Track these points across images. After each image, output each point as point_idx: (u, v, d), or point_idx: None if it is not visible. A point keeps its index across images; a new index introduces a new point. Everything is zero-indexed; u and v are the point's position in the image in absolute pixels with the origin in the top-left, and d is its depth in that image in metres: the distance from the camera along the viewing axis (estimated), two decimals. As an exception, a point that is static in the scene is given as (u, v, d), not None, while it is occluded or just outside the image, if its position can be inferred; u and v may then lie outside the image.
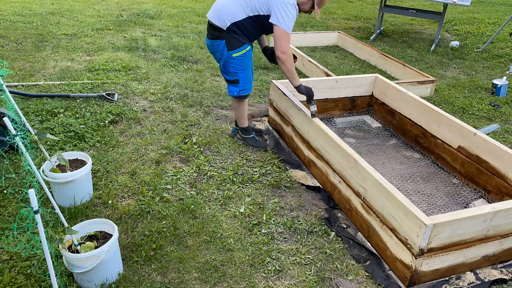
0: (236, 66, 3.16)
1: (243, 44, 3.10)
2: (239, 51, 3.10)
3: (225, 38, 3.08)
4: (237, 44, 3.08)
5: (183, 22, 7.26)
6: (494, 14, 9.31)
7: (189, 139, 3.57)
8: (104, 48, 5.66)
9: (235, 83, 3.25)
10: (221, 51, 3.14)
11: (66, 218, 2.51)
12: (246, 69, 3.21)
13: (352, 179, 2.66)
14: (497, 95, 4.91)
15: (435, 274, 2.29)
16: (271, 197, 2.93)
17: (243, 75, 3.22)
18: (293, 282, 2.27)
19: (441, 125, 3.28)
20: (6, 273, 2.15)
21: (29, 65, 4.91)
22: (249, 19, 3.03)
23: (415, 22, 8.33)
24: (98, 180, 2.97)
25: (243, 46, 3.11)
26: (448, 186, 3.14)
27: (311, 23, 7.75)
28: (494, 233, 2.32)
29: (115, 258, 2.16)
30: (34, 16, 6.96)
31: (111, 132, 3.60)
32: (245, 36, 3.10)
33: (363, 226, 2.59)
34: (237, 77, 3.21)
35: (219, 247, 2.47)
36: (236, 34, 3.06)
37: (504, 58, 6.35)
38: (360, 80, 4.00)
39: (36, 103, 3.91)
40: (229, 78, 3.25)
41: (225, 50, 3.11)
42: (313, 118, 3.08)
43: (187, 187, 2.99)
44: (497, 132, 4.04)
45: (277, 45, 2.97)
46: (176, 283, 2.22)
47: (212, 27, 3.14)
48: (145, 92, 4.40)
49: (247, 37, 3.12)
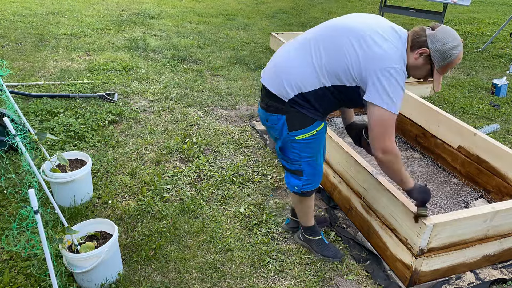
0: (300, 153, 2.14)
1: (313, 122, 2.08)
2: (306, 133, 2.09)
3: (286, 113, 2.07)
4: (305, 123, 2.07)
5: (183, 22, 7.26)
6: (494, 14, 9.31)
7: (189, 139, 3.57)
8: (104, 48, 5.66)
9: (297, 174, 2.23)
10: (279, 129, 2.12)
11: (66, 218, 2.51)
12: (314, 156, 2.18)
13: (352, 179, 2.66)
14: (497, 95, 4.90)
15: (435, 274, 2.29)
16: (271, 197, 2.93)
17: (310, 164, 2.19)
18: (293, 282, 2.27)
19: (441, 125, 3.28)
20: (6, 273, 2.15)
21: (29, 65, 4.91)
22: (326, 90, 2.01)
23: (415, 22, 8.33)
24: (98, 180, 2.97)
25: (313, 125, 2.09)
26: (448, 186, 3.14)
27: (311, 23, 7.75)
28: (494, 233, 2.32)
29: (115, 258, 2.16)
30: (34, 16, 6.96)
31: (111, 132, 3.60)
32: (317, 110, 2.08)
33: (363, 226, 2.59)
34: (301, 168, 2.19)
35: (219, 247, 2.47)
36: (303, 109, 2.05)
37: (504, 58, 6.35)
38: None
39: (36, 103, 3.91)
40: (289, 167, 2.23)
41: (285, 129, 2.10)
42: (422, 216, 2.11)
43: (187, 187, 2.99)
44: (497, 132, 4.04)
45: (376, 139, 1.95)
46: (176, 283, 2.22)
47: (267, 93, 2.10)
48: (145, 92, 4.40)
49: (320, 112, 2.10)
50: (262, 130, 3.83)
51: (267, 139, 3.68)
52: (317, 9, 9.01)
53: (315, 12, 8.76)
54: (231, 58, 5.58)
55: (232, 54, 5.76)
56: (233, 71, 5.17)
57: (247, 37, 6.64)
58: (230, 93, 4.53)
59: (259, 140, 3.65)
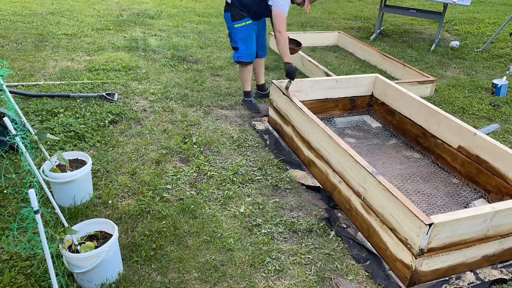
0: (237, 35, 3.75)
1: (243, 18, 3.67)
2: (240, 23, 3.69)
3: (230, 11, 3.70)
4: (238, 17, 3.67)
5: (183, 22, 7.26)
6: (494, 14, 9.31)
7: (189, 139, 3.57)
8: (104, 48, 5.66)
9: (235, 50, 3.85)
10: (227, 22, 3.79)
11: (66, 218, 2.51)
12: (245, 40, 3.77)
13: (352, 179, 2.66)
14: (497, 95, 4.91)
15: (435, 274, 2.29)
16: (271, 197, 2.93)
17: (242, 44, 3.78)
18: (293, 282, 2.27)
19: (441, 125, 3.28)
20: (6, 273, 2.15)
21: (29, 65, 4.91)
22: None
23: (415, 22, 8.33)
24: (98, 180, 2.97)
25: (244, 19, 3.68)
26: (448, 186, 3.14)
27: (311, 23, 7.76)
28: (494, 233, 2.32)
29: (115, 258, 2.16)
30: (34, 16, 6.96)
31: (111, 132, 3.60)
32: (246, 11, 3.66)
33: (363, 226, 2.59)
34: (237, 45, 3.80)
35: (219, 247, 2.47)
36: (238, 9, 3.66)
37: (504, 58, 6.35)
38: (360, 80, 4.00)
39: (36, 103, 3.91)
40: (232, 45, 3.88)
41: (230, 20, 3.73)
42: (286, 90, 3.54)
43: (187, 187, 2.99)
44: (497, 132, 4.04)
45: (275, 25, 3.53)
46: (176, 283, 2.22)
47: (225, 2, 3.78)
48: (145, 92, 4.41)
49: (247, 12, 3.67)
50: (262, 130, 3.84)
51: (267, 139, 3.68)
52: (317, 9, 9.01)
53: (315, 12, 8.76)
54: (231, 58, 5.58)
55: (232, 54, 5.76)
56: (233, 71, 5.17)
57: (247, 37, 6.64)
58: (230, 93, 4.53)
59: (259, 140, 3.66)
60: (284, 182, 3.10)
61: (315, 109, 3.90)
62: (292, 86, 3.65)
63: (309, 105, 3.83)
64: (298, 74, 4.18)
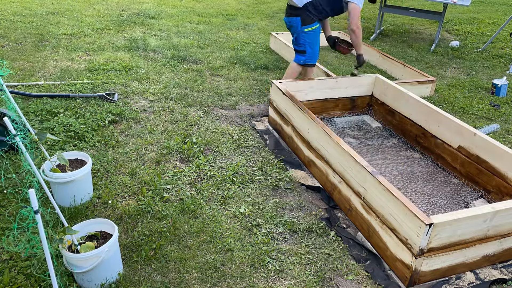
0: (306, 39, 3.88)
1: (313, 22, 3.81)
2: (310, 27, 3.81)
3: (300, 15, 3.78)
4: (309, 21, 3.80)
5: (183, 22, 7.26)
6: (494, 14, 9.30)
7: (189, 139, 3.57)
8: (104, 48, 5.66)
9: (302, 53, 3.97)
10: (296, 26, 3.86)
11: (66, 218, 2.51)
12: (312, 43, 3.92)
13: (352, 179, 2.66)
14: (497, 95, 4.90)
15: (435, 274, 2.29)
16: (271, 197, 2.93)
17: (310, 47, 3.93)
18: (293, 282, 2.27)
19: (441, 125, 3.28)
20: (6, 273, 2.15)
21: (29, 65, 4.91)
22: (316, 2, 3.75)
23: (415, 22, 8.33)
24: (98, 180, 2.97)
25: (314, 23, 3.82)
26: (448, 186, 3.14)
27: (311, 23, 7.75)
28: (494, 233, 2.32)
29: (115, 258, 2.16)
30: (34, 16, 6.96)
31: (111, 132, 3.60)
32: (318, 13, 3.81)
33: (363, 226, 2.59)
34: (305, 48, 3.93)
35: (219, 247, 2.47)
36: (310, 13, 3.77)
37: (504, 58, 6.35)
38: (360, 80, 4.00)
39: (36, 103, 3.91)
40: (297, 48, 4.00)
41: (299, 25, 3.81)
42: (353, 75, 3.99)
43: (187, 187, 2.99)
44: (497, 132, 4.04)
45: (353, 19, 3.72)
46: (176, 283, 2.22)
47: (290, 7, 3.87)
48: (145, 92, 4.41)
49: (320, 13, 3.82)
50: (262, 130, 3.84)
51: (267, 139, 3.68)
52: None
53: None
54: (231, 58, 5.58)
55: (232, 54, 5.76)
56: (233, 71, 5.17)
57: (247, 37, 6.64)
58: (230, 93, 4.53)
59: (259, 140, 3.66)
60: (284, 182, 3.10)
61: (315, 109, 3.90)
62: (292, 86, 3.67)
63: (309, 105, 3.84)
64: (299, 74, 4.21)
